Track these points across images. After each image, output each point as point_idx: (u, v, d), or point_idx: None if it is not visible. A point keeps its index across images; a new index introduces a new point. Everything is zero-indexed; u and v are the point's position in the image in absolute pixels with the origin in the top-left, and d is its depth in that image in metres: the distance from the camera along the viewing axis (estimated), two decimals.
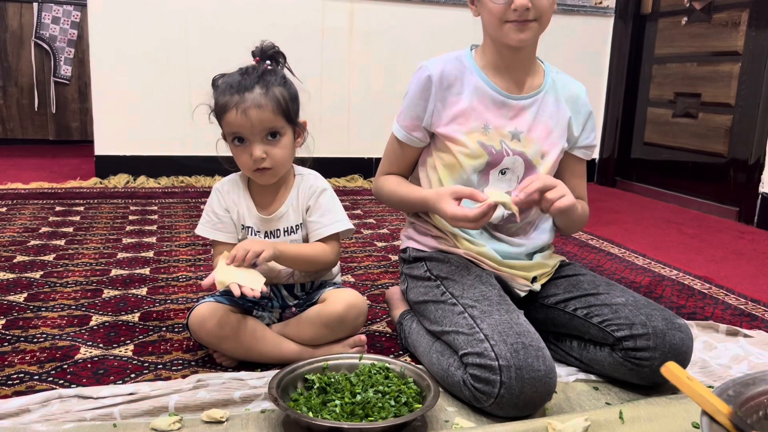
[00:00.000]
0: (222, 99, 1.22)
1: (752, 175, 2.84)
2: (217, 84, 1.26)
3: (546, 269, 1.32)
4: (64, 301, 1.58)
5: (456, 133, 1.27)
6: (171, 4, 3.14)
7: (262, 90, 1.20)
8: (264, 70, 1.23)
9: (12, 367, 1.22)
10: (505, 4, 1.18)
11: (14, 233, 2.19)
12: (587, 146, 1.35)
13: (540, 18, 1.20)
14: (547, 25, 1.23)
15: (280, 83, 1.24)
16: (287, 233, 1.31)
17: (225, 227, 1.31)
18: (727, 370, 1.29)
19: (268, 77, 1.22)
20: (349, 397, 1.03)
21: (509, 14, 1.19)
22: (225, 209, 1.31)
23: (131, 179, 3.19)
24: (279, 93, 1.22)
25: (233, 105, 1.20)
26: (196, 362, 1.27)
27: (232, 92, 1.21)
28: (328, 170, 3.49)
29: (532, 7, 1.18)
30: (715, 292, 1.84)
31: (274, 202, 1.31)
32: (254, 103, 1.19)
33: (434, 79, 1.27)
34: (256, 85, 1.20)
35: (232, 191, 1.32)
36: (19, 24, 4.16)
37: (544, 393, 1.04)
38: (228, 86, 1.22)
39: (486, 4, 1.21)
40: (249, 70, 1.23)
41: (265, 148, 1.22)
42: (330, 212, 1.31)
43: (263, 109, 1.20)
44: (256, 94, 1.20)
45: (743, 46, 2.90)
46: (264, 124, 1.21)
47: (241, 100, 1.19)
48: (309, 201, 1.31)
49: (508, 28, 1.20)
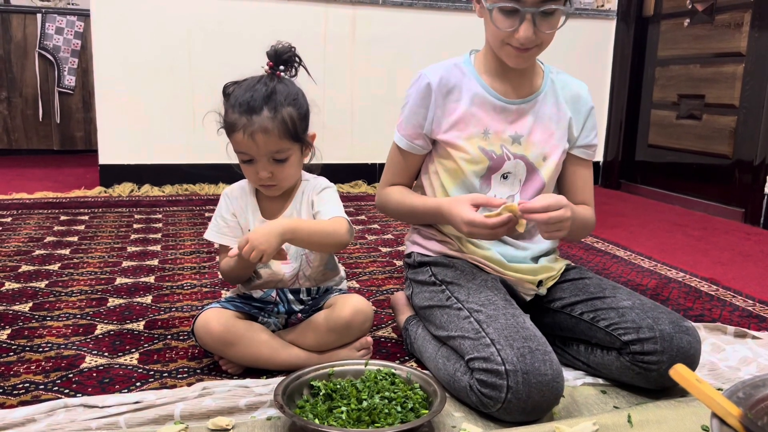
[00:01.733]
0: (230, 117, 1.21)
1: (758, 176, 2.83)
2: (228, 94, 1.24)
3: (552, 273, 1.32)
4: (69, 310, 1.58)
5: (456, 139, 1.27)
6: (173, 13, 3.15)
7: (270, 113, 1.19)
8: (274, 87, 1.21)
9: (17, 377, 1.22)
10: (509, 30, 1.18)
11: (19, 243, 2.19)
12: (587, 145, 1.34)
13: (542, 44, 1.21)
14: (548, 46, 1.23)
15: (289, 101, 1.22)
16: None
17: (232, 232, 1.31)
18: (736, 372, 1.28)
19: (277, 96, 1.20)
20: (355, 403, 1.03)
21: (512, 40, 1.19)
22: (232, 214, 1.31)
23: (135, 188, 3.20)
24: (287, 114, 1.20)
25: (240, 127, 1.19)
26: (201, 370, 1.27)
27: (240, 111, 1.19)
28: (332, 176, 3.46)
29: (535, 38, 1.18)
30: (722, 294, 1.83)
31: (281, 208, 1.31)
32: (261, 127, 1.18)
33: (433, 87, 1.27)
34: (265, 107, 1.19)
35: (240, 197, 1.32)
36: (23, 35, 4.18)
37: (552, 397, 1.03)
38: (237, 104, 1.20)
39: (490, 23, 1.21)
40: (259, 85, 1.21)
41: (271, 168, 1.22)
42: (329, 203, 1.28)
43: (269, 135, 1.19)
44: (263, 118, 1.18)
45: (746, 47, 2.89)
46: (269, 148, 1.20)
47: (248, 123, 1.18)
48: (313, 196, 1.31)
49: (508, 50, 1.21)
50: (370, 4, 3.39)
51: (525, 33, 1.16)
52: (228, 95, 1.25)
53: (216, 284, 1.81)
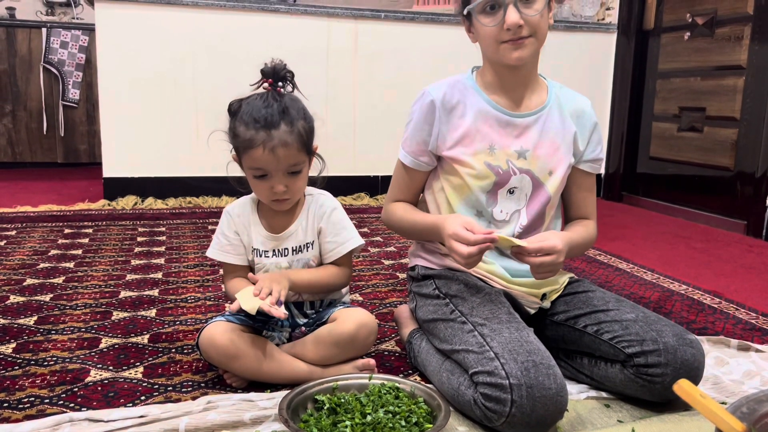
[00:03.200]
0: (246, 133, 1.21)
1: (759, 188, 2.83)
2: (236, 112, 1.24)
3: (555, 286, 1.32)
4: (74, 323, 1.58)
5: (462, 155, 1.27)
6: (177, 28, 3.18)
7: (288, 126, 1.20)
8: (286, 104, 1.22)
9: (23, 391, 1.22)
10: (497, 25, 1.19)
11: (24, 256, 2.20)
12: (594, 159, 1.35)
13: (535, 34, 1.21)
14: (545, 39, 1.23)
15: (301, 115, 1.24)
16: (295, 252, 1.32)
17: (234, 249, 1.33)
18: (740, 386, 1.28)
19: (291, 111, 1.22)
20: (359, 417, 1.03)
21: (503, 35, 1.19)
22: (235, 232, 1.33)
23: (139, 201, 3.21)
24: (302, 128, 1.23)
25: (260, 142, 1.19)
26: (206, 384, 1.27)
27: (257, 127, 1.20)
28: (335, 189, 3.49)
29: (525, 24, 1.18)
30: (725, 306, 1.83)
31: (284, 223, 1.32)
32: (281, 141, 1.19)
33: (437, 104, 1.27)
34: (282, 122, 1.20)
35: (242, 215, 1.33)
36: (28, 49, 4.22)
37: (556, 411, 1.03)
38: (252, 120, 1.20)
39: (480, 28, 1.23)
40: (270, 100, 1.22)
41: (286, 181, 1.24)
42: (343, 229, 1.33)
43: (289, 147, 1.20)
44: (282, 132, 1.20)
45: (747, 59, 2.91)
46: (289, 161, 1.22)
47: (268, 138, 1.19)
48: (321, 223, 1.32)
49: (504, 48, 1.21)
50: (372, 18, 3.42)
51: (511, 18, 1.17)
52: (235, 113, 1.25)
53: (219, 297, 1.81)
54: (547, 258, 1.14)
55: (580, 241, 1.30)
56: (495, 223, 1.29)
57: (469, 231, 1.14)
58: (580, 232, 1.32)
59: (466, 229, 1.14)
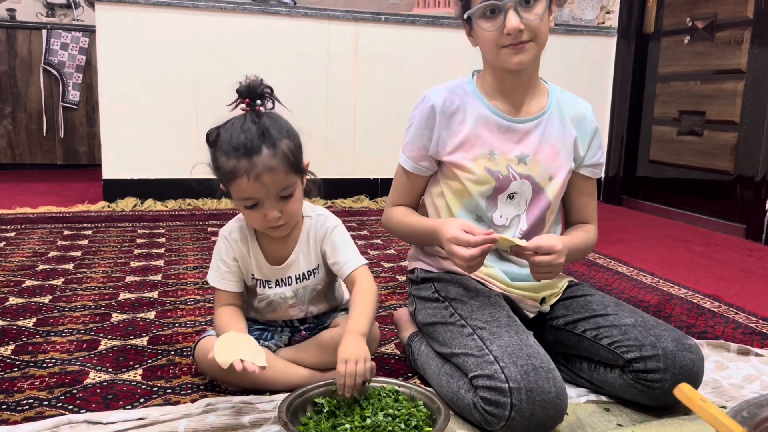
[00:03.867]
0: (228, 163, 1.13)
1: (759, 192, 2.84)
2: (215, 142, 1.16)
3: (554, 290, 1.32)
4: (73, 325, 1.58)
5: (462, 160, 1.27)
6: (178, 29, 3.18)
7: (270, 150, 1.12)
8: (264, 123, 1.13)
9: (21, 393, 1.22)
10: (497, 30, 1.19)
11: (23, 258, 2.20)
12: (594, 164, 1.35)
13: (536, 38, 1.20)
14: (545, 43, 1.23)
15: (284, 134, 1.15)
16: (299, 280, 1.28)
17: (234, 276, 1.27)
18: (740, 390, 1.28)
19: (271, 132, 1.13)
20: (359, 420, 1.03)
21: (504, 39, 1.19)
22: (234, 258, 1.27)
23: (139, 203, 3.21)
24: (287, 148, 1.14)
25: (243, 172, 1.11)
26: (205, 386, 1.27)
27: (238, 156, 1.11)
28: (335, 191, 3.52)
29: (525, 28, 1.17)
30: (725, 310, 1.83)
31: (284, 250, 1.26)
32: (265, 167, 1.11)
33: (437, 109, 1.27)
34: (263, 146, 1.11)
35: (240, 240, 1.26)
36: (29, 50, 4.22)
37: (555, 415, 1.03)
38: (232, 148, 1.12)
39: (480, 33, 1.22)
40: (248, 124, 1.13)
41: (279, 207, 1.16)
42: (345, 248, 1.26)
43: (276, 172, 1.12)
44: (265, 157, 1.11)
45: (746, 64, 2.91)
46: (278, 186, 1.14)
47: (251, 166, 1.11)
48: (324, 245, 1.26)
49: (505, 52, 1.20)
50: (372, 21, 3.42)
51: (511, 23, 1.16)
52: (214, 143, 1.17)
53: None
54: (546, 257, 1.14)
55: (579, 245, 1.30)
56: (495, 228, 1.29)
57: (468, 233, 1.13)
58: (579, 237, 1.32)
59: (465, 231, 1.14)
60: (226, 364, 1.07)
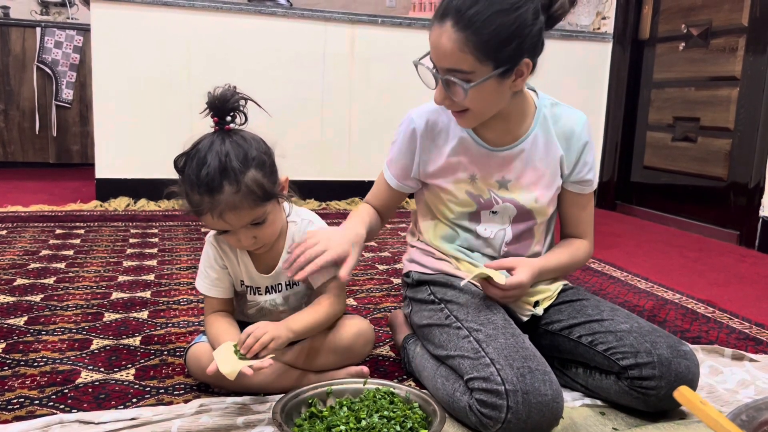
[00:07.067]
0: (192, 198, 1.10)
1: (752, 198, 2.85)
2: (182, 170, 1.12)
3: (548, 293, 1.31)
4: (65, 324, 1.56)
5: (443, 183, 1.28)
6: (173, 29, 3.17)
7: (233, 187, 1.07)
8: (226, 154, 1.07)
9: (12, 392, 1.21)
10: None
11: (14, 256, 2.18)
12: (580, 181, 1.30)
13: (471, 109, 1.15)
14: (487, 113, 1.17)
15: (250, 163, 1.09)
16: (289, 287, 1.28)
17: (222, 283, 1.26)
18: (734, 395, 1.28)
19: (233, 165, 1.07)
20: (354, 422, 1.02)
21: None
22: (223, 266, 1.26)
23: (132, 202, 3.19)
24: (252, 181, 1.08)
25: (206, 210, 1.09)
26: (198, 386, 1.26)
27: (200, 192, 1.08)
28: (330, 193, 3.51)
29: (452, 102, 1.15)
30: (719, 316, 1.83)
31: (272, 257, 1.25)
32: (228, 205, 1.07)
33: (419, 132, 1.28)
34: (224, 182, 1.06)
35: (229, 249, 1.25)
36: (22, 48, 4.19)
37: (551, 418, 1.03)
38: (195, 185, 1.08)
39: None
40: (209, 156, 1.07)
41: (253, 233, 1.14)
42: None
43: (239, 209, 1.09)
44: (227, 195, 1.07)
45: (741, 71, 2.93)
46: (244, 221, 1.11)
47: (213, 204, 1.07)
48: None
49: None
50: (369, 23, 3.42)
51: (436, 95, 1.16)
52: (181, 171, 1.12)
53: None
54: (512, 292, 1.20)
55: (559, 266, 1.31)
56: (481, 240, 1.30)
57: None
58: (561, 257, 1.32)
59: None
60: (233, 375, 1.05)
